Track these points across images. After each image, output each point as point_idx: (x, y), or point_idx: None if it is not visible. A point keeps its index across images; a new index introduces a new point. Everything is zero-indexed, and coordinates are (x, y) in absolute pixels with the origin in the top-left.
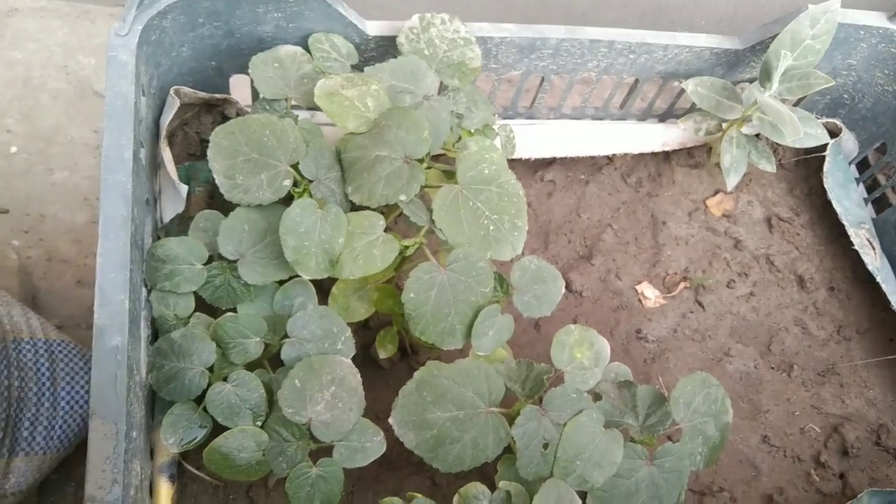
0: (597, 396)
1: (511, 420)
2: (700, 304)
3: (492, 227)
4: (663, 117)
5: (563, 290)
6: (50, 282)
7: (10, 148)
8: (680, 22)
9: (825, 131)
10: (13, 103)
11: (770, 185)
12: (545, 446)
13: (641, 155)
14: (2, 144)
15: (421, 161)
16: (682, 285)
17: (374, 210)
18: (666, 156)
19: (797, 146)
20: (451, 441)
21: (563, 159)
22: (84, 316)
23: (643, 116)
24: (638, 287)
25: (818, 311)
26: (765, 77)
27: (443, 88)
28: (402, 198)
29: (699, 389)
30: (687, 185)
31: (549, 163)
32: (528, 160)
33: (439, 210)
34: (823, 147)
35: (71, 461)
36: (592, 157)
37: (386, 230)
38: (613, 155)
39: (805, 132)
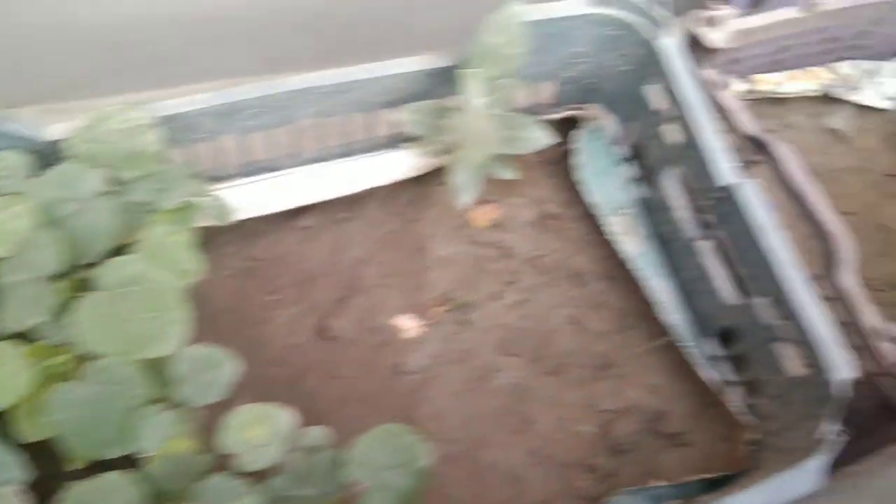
0: (280, 470)
1: None
2: (465, 323)
3: (145, 327)
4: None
5: (236, 372)
6: None
7: None
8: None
9: (547, 133)
10: None
11: (538, 183)
12: None
13: (401, 182)
14: None
15: (64, 276)
16: (442, 308)
17: (9, 338)
18: (425, 177)
19: (527, 152)
20: None
21: (321, 203)
22: None
23: (392, 144)
24: (394, 321)
25: (597, 304)
26: (469, 95)
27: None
28: (35, 320)
29: (383, 444)
30: (449, 203)
31: (305, 210)
32: (280, 213)
33: (82, 323)
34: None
35: None
36: (349, 196)
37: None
38: (372, 188)
39: (524, 137)
